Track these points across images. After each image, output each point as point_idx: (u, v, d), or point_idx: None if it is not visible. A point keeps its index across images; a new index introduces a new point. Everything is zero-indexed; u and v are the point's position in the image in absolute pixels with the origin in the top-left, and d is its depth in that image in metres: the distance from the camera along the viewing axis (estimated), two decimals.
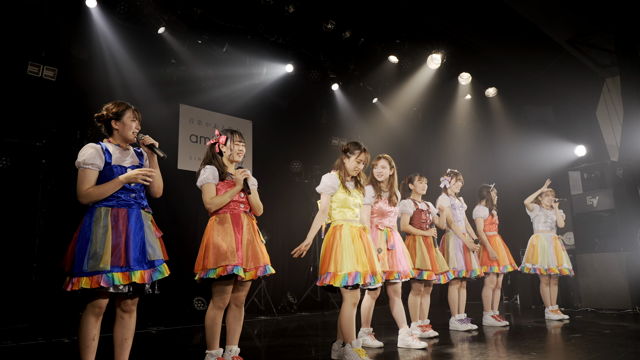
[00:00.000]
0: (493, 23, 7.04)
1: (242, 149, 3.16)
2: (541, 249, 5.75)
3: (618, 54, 7.28)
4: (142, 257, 2.45)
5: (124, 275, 2.39)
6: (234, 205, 3.05)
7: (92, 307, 2.46)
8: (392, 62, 7.65)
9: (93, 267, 2.34)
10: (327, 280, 3.14)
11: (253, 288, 6.69)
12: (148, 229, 2.55)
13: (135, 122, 2.68)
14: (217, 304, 2.97)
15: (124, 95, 5.87)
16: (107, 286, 2.35)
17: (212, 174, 3.03)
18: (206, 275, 2.86)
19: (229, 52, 6.52)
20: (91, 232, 2.42)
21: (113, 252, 2.39)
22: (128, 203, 2.53)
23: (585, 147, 8.49)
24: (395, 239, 3.97)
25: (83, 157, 2.52)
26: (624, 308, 6.25)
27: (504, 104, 9.24)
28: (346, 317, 3.18)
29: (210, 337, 2.98)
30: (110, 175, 2.53)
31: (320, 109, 8.35)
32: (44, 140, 5.38)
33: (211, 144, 3.17)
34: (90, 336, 2.48)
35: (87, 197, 2.49)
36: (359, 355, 3.10)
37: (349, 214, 3.37)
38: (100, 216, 2.46)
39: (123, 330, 2.61)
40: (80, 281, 2.34)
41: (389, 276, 3.82)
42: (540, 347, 3.83)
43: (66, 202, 5.44)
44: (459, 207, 5.12)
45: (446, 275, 4.55)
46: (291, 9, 6.18)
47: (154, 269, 2.49)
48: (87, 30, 5.56)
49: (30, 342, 4.28)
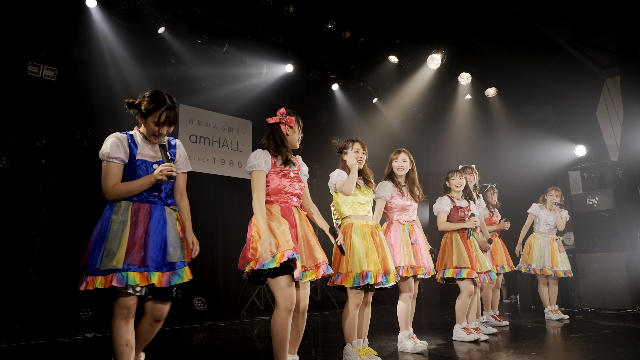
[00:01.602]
0: (493, 23, 7.04)
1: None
2: (537, 249, 5.75)
3: (618, 54, 7.28)
4: (162, 258, 2.26)
5: (141, 275, 2.19)
6: (286, 198, 2.73)
7: (119, 309, 2.26)
8: (392, 62, 7.65)
9: (106, 265, 2.17)
10: (338, 281, 3.10)
11: (253, 288, 6.69)
12: (172, 227, 2.36)
13: (161, 128, 2.38)
14: (284, 304, 2.52)
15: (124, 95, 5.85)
16: (120, 286, 2.15)
17: (265, 160, 2.70)
18: (265, 266, 2.45)
19: (229, 52, 6.52)
20: (108, 228, 2.23)
21: (129, 250, 2.20)
22: (151, 200, 2.35)
23: (585, 147, 8.50)
24: (417, 234, 3.81)
25: (106, 149, 2.33)
26: (624, 308, 6.25)
27: (504, 104, 9.25)
28: (349, 317, 3.15)
29: (279, 347, 2.54)
30: (133, 170, 2.34)
31: (320, 109, 8.35)
32: (44, 140, 5.38)
33: (276, 123, 2.80)
34: (122, 341, 2.25)
35: (114, 194, 2.29)
36: (359, 355, 3.09)
37: (360, 209, 3.30)
38: (119, 210, 2.27)
39: (147, 334, 2.44)
40: (95, 280, 2.16)
41: (417, 271, 3.65)
42: (540, 347, 3.83)
43: (66, 202, 5.46)
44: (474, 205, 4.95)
45: (488, 274, 4.30)
46: (291, 9, 6.18)
47: (173, 272, 2.28)
48: (87, 30, 5.56)
49: (30, 342, 4.28)
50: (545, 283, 5.78)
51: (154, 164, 2.40)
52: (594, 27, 7.32)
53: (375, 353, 3.21)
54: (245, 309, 6.62)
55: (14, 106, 5.29)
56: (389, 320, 5.60)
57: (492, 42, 7.58)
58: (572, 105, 9.17)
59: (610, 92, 8.58)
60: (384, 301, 8.17)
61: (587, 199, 7.07)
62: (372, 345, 3.41)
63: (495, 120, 9.46)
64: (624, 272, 6.35)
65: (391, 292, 3.83)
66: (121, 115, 5.65)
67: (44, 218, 5.26)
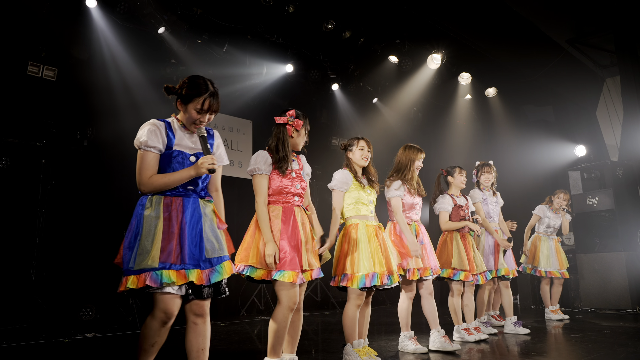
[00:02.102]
0: (493, 23, 7.04)
1: None
2: (544, 251, 5.69)
3: (618, 54, 7.28)
4: (198, 254, 2.11)
5: (178, 273, 2.05)
6: (288, 198, 2.73)
7: (158, 312, 2.08)
8: (392, 62, 7.66)
9: (140, 264, 2.02)
10: (343, 282, 3.07)
11: (253, 288, 6.69)
12: (208, 220, 2.20)
13: (203, 116, 2.20)
14: (287, 303, 2.62)
15: (124, 95, 5.88)
16: (155, 285, 2.00)
17: (265, 163, 2.72)
18: (245, 272, 2.63)
19: (229, 52, 6.52)
20: (141, 225, 2.08)
21: (164, 247, 2.05)
22: (185, 193, 2.18)
23: (585, 147, 8.50)
24: (423, 234, 3.76)
25: (142, 136, 2.14)
26: (624, 308, 6.24)
27: (504, 104, 9.25)
28: (349, 317, 3.12)
29: (276, 344, 2.64)
30: (168, 161, 2.16)
31: (320, 109, 8.35)
32: (44, 140, 5.38)
33: (283, 123, 2.78)
34: (150, 342, 2.10)
35: (150, 186, 2.11)
36: (360, 355, 3.08)
37: (364, 209, 3.25)
38: (151, 205, 2.11)
39: (198, 338, 2.19)
40: (128, 280, 2.02)
41: (424, 273, 3.61)
42: (540, 347, 3.84)
43: (66, 202, 5.46)
44: (492, 202, 4.85)
45: (484, 275, 4.31)
46: (291, 9, 6.18)
47: (212, 268, 2.14)
48: (87, 30, 5.56)
49: (30, 342, 4.28)
50: (549, 283, 5.74)
51: (191, 156, 2.21)
52: (593, 27, 7.32)
53: (375, 353, 3.20)
54: (245, 309, 6.62)
55: (14, 106, 5.29)
56: (389, 320, 5.59)
57: (492, 42, 7.58)
58: (572, 105, 9.17)
59: (610, 92, 8.58)
60: (384, 301, 8.17)
61: (587, 199, 7.07)
62: (372, 345, 3.40)
63: (495, 120, 9.46)
64: (624, 272, 6.35)
65: (392, 291, 3.83)
66: (121, 115, 5.72)
67: (44, 218, 5.26)
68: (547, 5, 6.72)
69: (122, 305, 5.31)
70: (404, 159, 3.83)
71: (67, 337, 4.52)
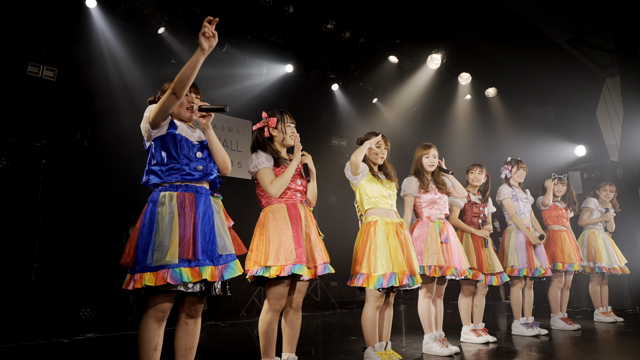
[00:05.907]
0: (493, 23, 7.04)
1: (294, 130, 2.81)
2: (603, 247, 5.27)
3: (618, 54, 7.28)
4: (211, 250, 2.10)
5: (192, 271, 2.02)
6: (290, 194, 2.70)
7: (154, 311, 2.06)
8: (392, 62, 7.66)
9: (158, 261, 1.98)
10: (359, 282, 2.95)
11: (253, 288, 6.69)
12: (219, 217, 2.20)
13: (189, 95, 2.42)
14: (273, 306, 2.64)
15: (124, 95, 5.88)
16: (175, 283, 1.97)
17: (266, 158, 2.69)
18: (257, 273, 2.55)
19: (229, 53, 6.52)
20: (155, 221, 2.05)
21: (180, 244, 2.03)
22: (197, 189, 2.18)
23: (585, 147, 8.50)
24: (448, 231, 3.59)
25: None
26: (624, 308, 6.24)
27: (504, 104, 9.25)
28: (368, 319, 3.00)
29: (266, 345, 2.67)
30: (172, 144, 2.24)
31: (320, 109, 8.35)
32: (44, 140, 5.38)
33: (259, 127, 2.79)
34: (152, 345, 2.07)
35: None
36: (382, 359, 2.94)
37: (383, 202, 3.11)
38: (165, 202, 2.09)
39: (187, 338, 2.22)
40: (144, 277, 1.96)
41: (445, 272, 3.44)
42: (540, 347, 3.82)
43: (66, 202, 5.46)
44: (522, 198, 4.65)
45: (499, 276, 4.08)
46: (291, 9, 6.18)
47: (226, 265, 2.13)
48: (87, 30, 5.57)
49: (30, 342, 4.28)
50: (599, 283, 5.35)
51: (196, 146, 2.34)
52: (593, 27, 7.32)
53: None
54: (245, 309, 6.62)
55: (14, 106, 5.29)
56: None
57: (492, 42, 7.58)
58: (572, 105, 9.17)
59: (610, 92, 8.58)
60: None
61: None
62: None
63: (495, 120, 9.46)
64: None
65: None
66: (121, 115, 5.72)
67: (44, 218, 5.26)
68: (547, 5, 6.72)
69: (122, 306, 5.31)
70: (414, 157, 3.77)
71: (67, 337, 4.52)
